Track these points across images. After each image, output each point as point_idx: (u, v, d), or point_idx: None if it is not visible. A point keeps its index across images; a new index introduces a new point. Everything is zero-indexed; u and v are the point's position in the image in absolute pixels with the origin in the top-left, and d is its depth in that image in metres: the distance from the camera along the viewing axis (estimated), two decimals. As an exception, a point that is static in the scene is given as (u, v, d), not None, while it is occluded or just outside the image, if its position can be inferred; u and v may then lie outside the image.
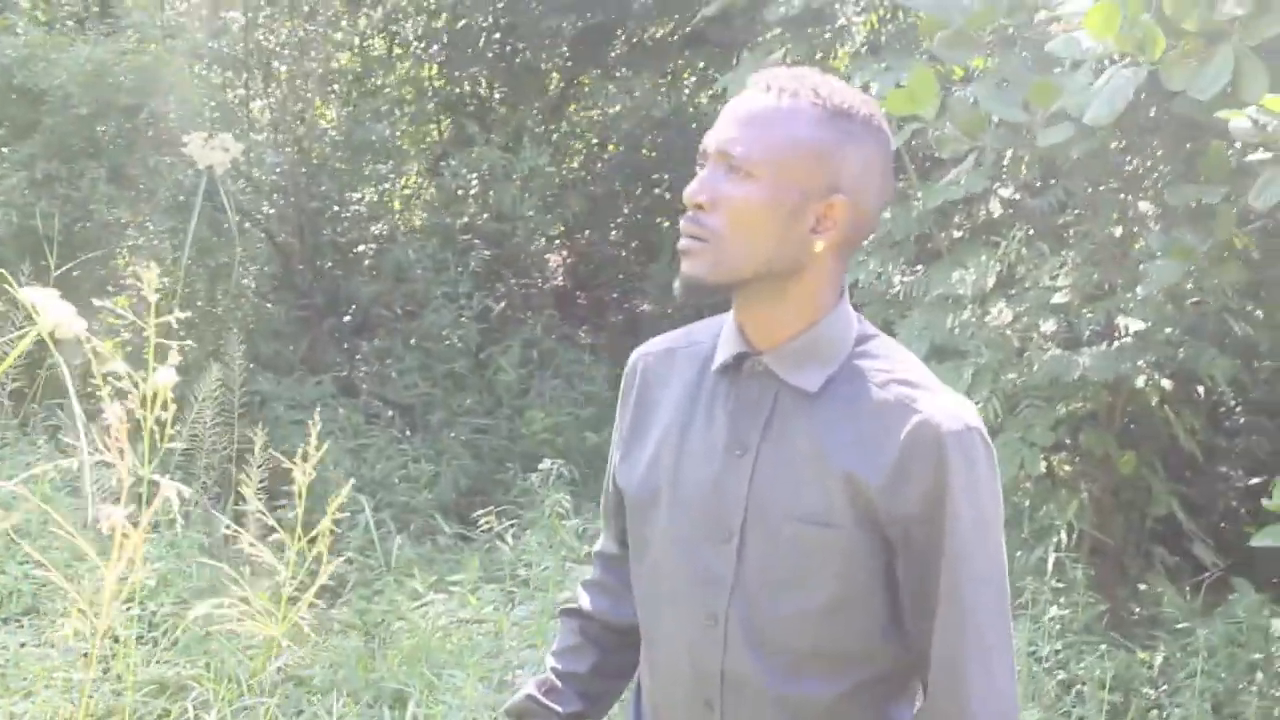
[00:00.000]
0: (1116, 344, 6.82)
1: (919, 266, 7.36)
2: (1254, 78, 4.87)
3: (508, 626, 5.99)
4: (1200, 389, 8.12)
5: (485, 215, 10.30)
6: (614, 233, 11.80)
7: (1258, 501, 8.47)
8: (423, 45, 10.87)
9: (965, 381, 6.53)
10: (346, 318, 9.99)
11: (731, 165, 2.14)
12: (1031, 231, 7.14)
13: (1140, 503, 7.71)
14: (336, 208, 10.24)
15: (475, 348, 9.61)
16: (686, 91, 11.39)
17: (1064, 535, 6.73)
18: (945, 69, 7.14)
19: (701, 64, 11.02)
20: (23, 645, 5.35)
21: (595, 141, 11.78)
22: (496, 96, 11.18)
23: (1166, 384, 7.40)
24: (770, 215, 2.14)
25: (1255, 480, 8.56)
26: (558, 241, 11.40)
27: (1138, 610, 7.40)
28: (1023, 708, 5.56)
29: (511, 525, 7.16)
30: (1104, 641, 6.55)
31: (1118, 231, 7.12)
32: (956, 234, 7.81)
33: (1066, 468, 7.58)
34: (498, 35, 10.68)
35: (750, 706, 2.26)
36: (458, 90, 10.81)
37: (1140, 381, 7.00)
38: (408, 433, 9.11)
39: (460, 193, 10.27)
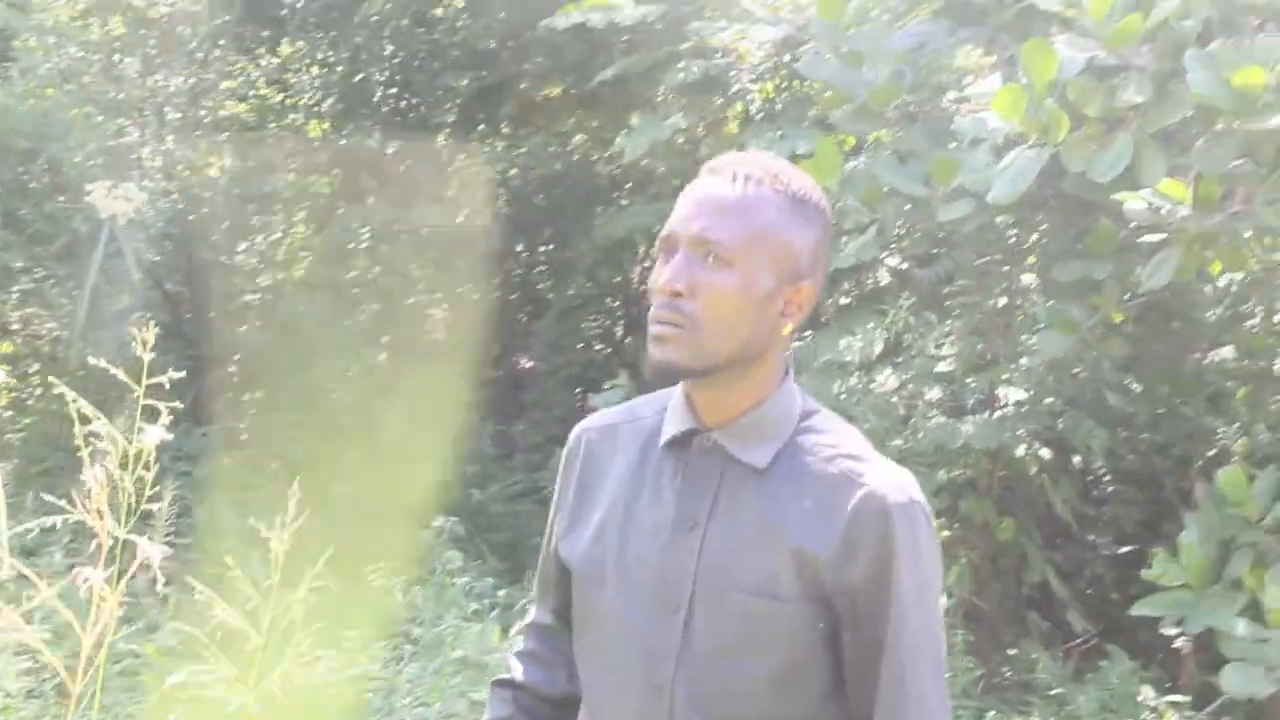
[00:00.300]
0: (998, 413, 6.95)
1: (807, 333, 7.46)
2: (1152, 163, 5.03)
3: (403, 684, 5.96)
4: (1076, 458, 8.28)
5: (376, 269, 10.28)
6: (498, 290, 11.81)
7: (1125, 570, 8.66)
8: (317, 97, 10.84)
9: (851, 448, 6.61)
10: (233, 369, 9.90)
11: (710, 253, 2.17)
12: (916, 300, 7.27)
13: (1016, 569, 7.84)
14: (224, 258, 10.17)
15: (362, 401, 9.57)
16: (576, 152, 11.44)
17: (944, 600, 6.80)
18: (840, 137, 7.27)
19: (594, 123, 11.09)
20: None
21: (483, 197, 11.79)
22: (389, 151, 11.17)
23: (1045, 453, 7.56)
24: (748, 302, 2.18)
25: (1125, 549, 8.74)
26: (438, 295, 11.36)
27: (1010, 674, 7.50)
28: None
29: (400, 581, 7.13)
30: (981, 706, 6.64)
31: (1001, 303, 7.28)
32: (844, 300, 7.94)
33: (946, 533, 7.68)
34: (393, 90, 10.68)
35: None
36: (350, 143, 10.77)
37: (1020, 450, 7.14)
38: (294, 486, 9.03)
39: (351, 246, 10.25)
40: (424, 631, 6.58)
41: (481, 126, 11.41)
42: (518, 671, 2.62)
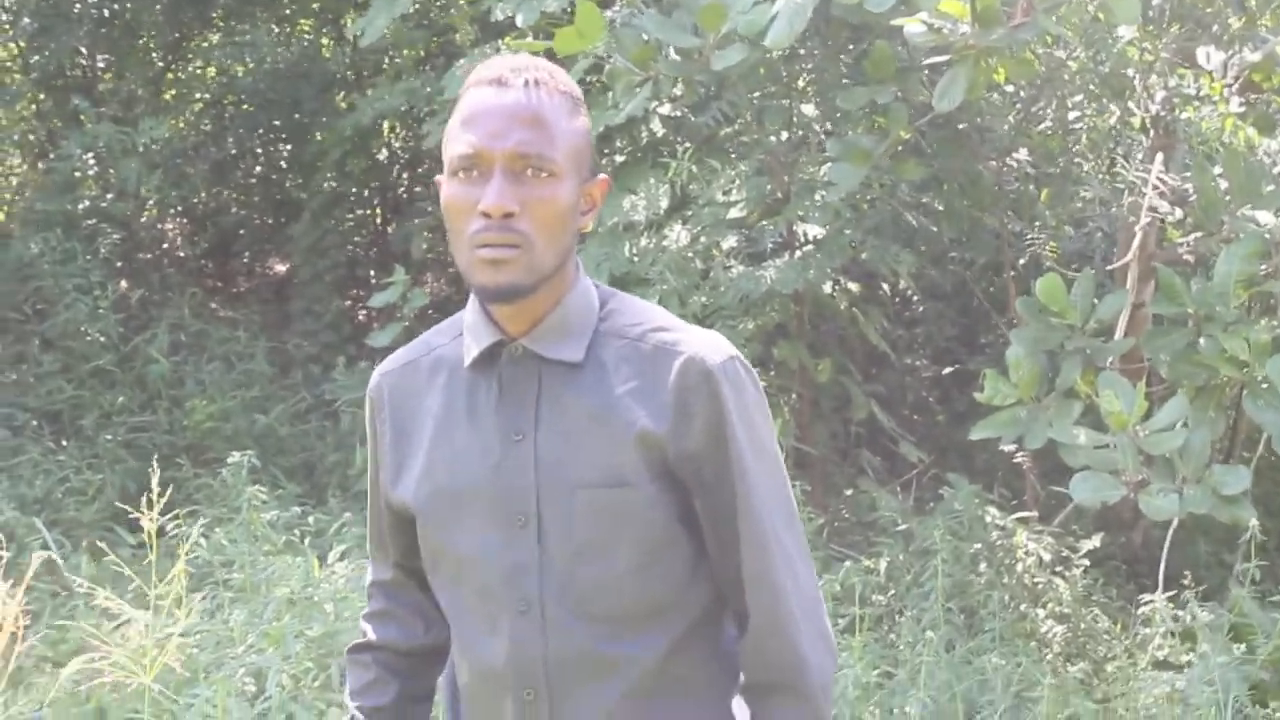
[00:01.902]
0: (799, 252, 7.10)
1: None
2: (927, -14, 5.19)
3: (234, 633, 5.94)
4: (885, 285, 8.52)
5: (108, 195, 10.10)
6: (240, 194, 11.68)
7: (947, 390, 8.99)
8: (8, 17, 10.54)
9: (652, 310, 6.71)
10: (-32, 322, 9.67)
11: (529, 167, 2.26)
12: (695, 148, 7.37)
13: (840, 409, 8.07)
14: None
15: (119, 340, 9.43)
16: (305, 39, 11.30)
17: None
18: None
19: (316, 5, 10.96)
20: None
21: (209, 98, 11.60)
22: (100, 65, 10.93)
23: (853, 286, 7.76)
24: (570, 209, 2.30)
25: (946, 370, 9.04)
26: (174, 210, 11.18)
27: (851, 517, 7.73)
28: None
29: (201, 524, 7.07)
30: (829, 555, 6.85)
31: (784, 137, 7.42)
32: (620, 159, 8.03)
33: (763, 383, 7.85)
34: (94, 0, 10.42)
35: (576, 684, 2.40)
36: (56, 64, 10.49)
37: (827, 287, 7.31)
38: (62, 442, 8.91)
39: (77, 174, 10.03)
40: (241, 575, 6.55)
41: (199, 26, 11.21)
42: (372, 633, 2.71)
